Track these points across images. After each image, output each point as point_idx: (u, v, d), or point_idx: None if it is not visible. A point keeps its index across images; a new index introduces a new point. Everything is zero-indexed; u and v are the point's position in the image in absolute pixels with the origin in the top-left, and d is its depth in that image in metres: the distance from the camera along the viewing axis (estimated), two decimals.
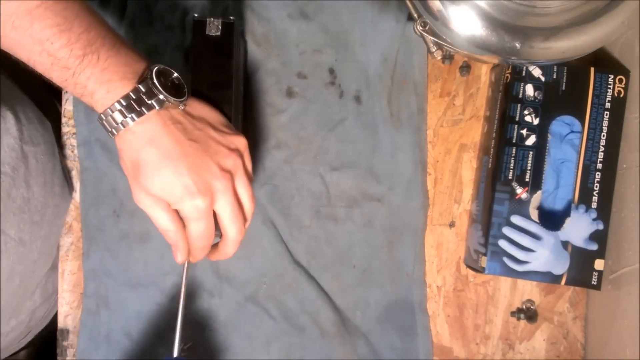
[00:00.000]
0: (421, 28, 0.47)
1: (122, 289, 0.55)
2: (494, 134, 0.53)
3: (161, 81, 0.38)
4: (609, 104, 0.51)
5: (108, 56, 0.36)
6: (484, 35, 0.41)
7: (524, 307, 0.57)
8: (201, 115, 0.41)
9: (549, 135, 0.51)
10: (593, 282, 0.51)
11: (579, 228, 0.51)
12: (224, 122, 0.42)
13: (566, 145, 0.51)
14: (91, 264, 0.55)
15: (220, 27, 0.45)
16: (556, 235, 0.51)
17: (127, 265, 0.55)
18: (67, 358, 0.56)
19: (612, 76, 0.51)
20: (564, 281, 0.51)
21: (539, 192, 0.51)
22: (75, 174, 0.56)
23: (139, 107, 0.37)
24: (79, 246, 0.56)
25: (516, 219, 0.51)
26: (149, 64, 0.39)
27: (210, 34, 0.45)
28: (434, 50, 0.50)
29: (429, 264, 0.57)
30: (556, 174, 0.51)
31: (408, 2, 0.47)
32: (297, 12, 0.55)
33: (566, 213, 0.51)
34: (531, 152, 0.51)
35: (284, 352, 0.55)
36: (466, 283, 0.57)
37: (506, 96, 0.51)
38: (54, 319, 0.58)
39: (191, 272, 0.55)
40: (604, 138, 0.51)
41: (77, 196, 0.56)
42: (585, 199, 0.51)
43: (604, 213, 0.51)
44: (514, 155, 0.51)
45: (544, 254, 0.51)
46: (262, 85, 0.56)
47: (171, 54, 0.55)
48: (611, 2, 0.40)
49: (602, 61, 0.55)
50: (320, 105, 0.56)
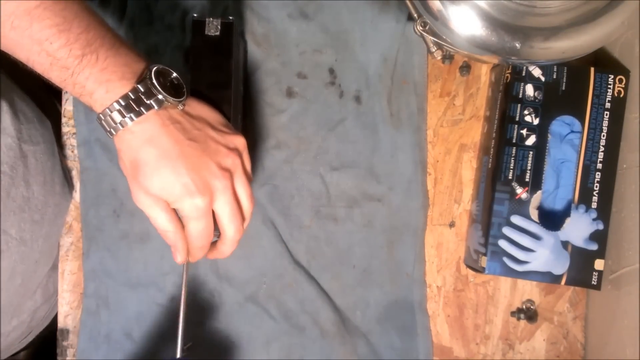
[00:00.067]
0: (421, 28, 0.47)
1: (122, 289, 0.55)
2: (494, 134, 0.53)
3: (160, 81, 0.38)
4: (609, 104, 0.51)
5: (107, 56, 0.36)
6: (484, 35, 0.41)
7: (524, 307, 0.57)
8: (200, 114, 0.41)
9: (549, 135, 0.51)
10: (593, 282, 0.51)
11: (579, 228, 0.51)
12: (223, 122, 0.42)
13: (566, 145, 0.51)
14: (91, 264, 0.55)
15: (219, 27, 0.45)
16: (556, 235, 0.51)
17: (127, 265, 0.55)
18: (67, 358, 0.56)
19: (612, 76, 0.51)
20: (564, 281, 0.51)
21: (539, 192, 0.51)
22: (75, 173, 0.56)
23: (137, 107, 0.37)
24: (79, 246, 0.56)
25: (516, 219, 0.51)
26: (148, 64, 0.38)
27: (209, 34, 0.45)
28: (434, 50, 0.50)
29: (429, 264, 0.57)
30: (556, 174, 0.51)
31: (408, 2, 0.47)
32: (297, 12, 0.55)
33: (566, 213, 0.51)
34: (531, 152, 0.51)
35: (284, 352, 0.55)
36: (466, 283, 0.57)
37: (506, 96, 0.51)
38: (54, 319, 0.58)
39: (191, 273, 0.55)
40: (604, 138, 0.51)
41: (77, 196, 0.56)
42: (585, 199, 0.51)
43: (604, 213, 0.51)
44: (514, 155, 0.51)
45: (544, 254, 0.51)
46: (262, 85, 0.56)
47: (171, 54, 0.55)
48: (611, 2, 0.40)
49: (602, 61, 0.55)
50: (320, 105, 0.56)
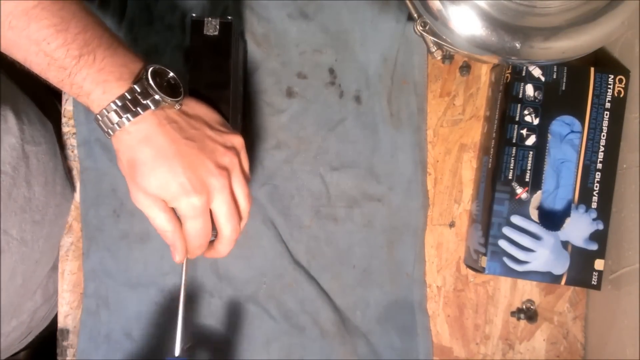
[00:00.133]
0: (421, 28, 0.47)
1: (122, 289, 0.55)
2: (494, 134, 0.53)
3: (157, 81, 0.38)
4: (609, 104, 0.51)
5: (104, 56, 0.36)
6: (484, 35, 0.41)
7: (524, 307, 0.57)
8: (197, 114, 0.41)
9: (549, 135, 0.51)
10: (593, 282, 0.51)
11: (579, 228, 0.51)
12: (220, 121, 0.42)
13: (566, 145, 0.51)
14: (91, 264, 0.55)
15: (218, 26, 0.45)
16: (556, 235, 0.51)
17: (127, 265, 0.55)
18: (67, 358, 0.56)
19: (612, 76, 0.51)
20: (564, 281, 0.51)
21: (539, 192, 0.51)
22: (75, 173, 0.56)
23: (134, 107, 0.37)
24: (79, 246, 0.56)
25: (516, 219, 0.51)
26: (145, 64, 0.38)
27: (208, 33, 0.45)
28: (434, 50, 0.50)
29: (429, 264, 0.57)
30: (556, 174, 0.51)
31: (408, 2, 0.47)
32: (297, 12, 0.55)
33: (566, 213, 0.51)
34: (531, 152, 0.51)
35: (284, 352, 0.55)
36: (466, 283, 0.57)
37: (506, 96, 0.51)
38: (54, 319, 0.58)
39: (191, 273, 0.55)
40: (604, 138, 0.51)
41: (77, 196, 0.56)
42: (585, 199, 0.51)
43: (604, 213, 0.51)
44: (514, 155, 0.51)
45: (544, 254, 0.51)
46: (262, 85, 0.56)
47: (171, 54, 0.55)
48: (611, 2, 0.40)
49: (602, 61, 0.55)
50: (320, 105, 0.56)
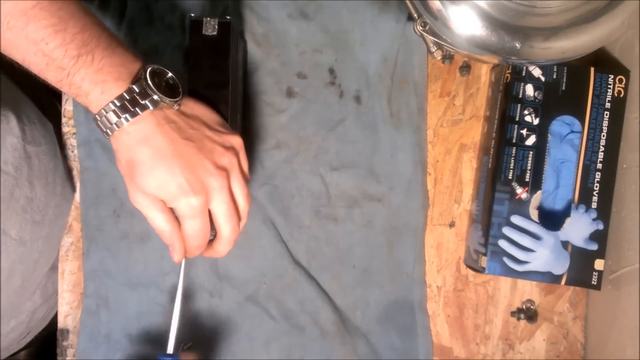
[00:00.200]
0: (421, 28, 0.47)
1: (122, 289, 0.55)
2: (494, 134, 0.53)
3: (155, 81, 0.38)
4: (609, 104, 0.51)
5: (103, 57, 0.36)
6: (484, 35, 0.41)
7: (524, 307, 0.57)
8: (196, 114, 0.41)
9: (549, 135, 0.51)
10: (593, 282, 0.51)
11: (579, 228, 0.51)
12: (219, 121, 0.42)
13: (566, 145, 0.51)
14: (91, 264, 0.55)
15: (216, 26, 0.45)
16: (556, 235, 0.51)
17: (127, 265, 0.55)
18: (67, 358, 0.56)
19: (612, 76, 0.51)
20: (564, 281, 0.51)
21: (539, 192, 0.51)
22: (76, 173, 0.56)
23: (132, 107, 0.37)
24: (79, 246, 0.56)
25: (516, 219, 0.51)
26: (143, 64, 0.38)
27: (207, 33, 0.45)
28: (434, 50, 0.50)
29: (429, 264, 0.57)
30: (556, 174, 0.51)
31: (408, 2, 0.47)
32: (297, 12, 0.55)
33: (566, 213, 0.51)
34: (531, 152, 0.51)
35: (284, 352, 0.55)
36: (466, 283, 0.57)
37: (506, 96, 0.51)
38: (54, 319, 0.58)
39: (191, 272, 0.55)
40: (604, 138, 0.51)
41: (77, 196, 0.56)
42: (585, 199, 0.51)
43: (604, 213, 0.51)
44: (514, 155, 0.51)
45: (544, 254, 0.51)
46: (262, 85, 0.56)
47: (171, 54, 0.55)
48: (611, 2, 0.40)
49: (602, 61, 0.55)
50: (320, 105, 0.56)
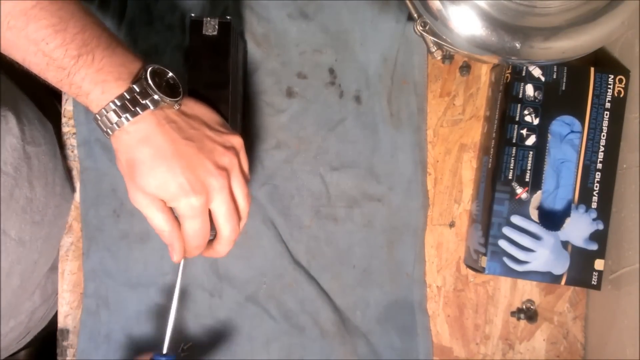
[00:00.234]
0: (421, 28, 0.47)
1: (122, 289, 0.55)
2: (494, 134, 0.53)
3: (156, 81, 0.38)
4: (609, 104, 0.51)
5: (103, 56, 0.36)
6: (484, 35, 0.41)
7: (524, 307, 0.57)
8: (196, 114, 0.41)
9: (549, 135, 0.51)
10: (593, 282, 0.51)
11: (579, 228, 0.51)
12: (219, 121, 0.42)
13: (566, 145, 0.51)
14: (91, 264, 0.55)
15: (217, 26, 0.45)
16: (556, 235, 0.51)
17: (127, 265, 0.55)
18: (67, 358, 0.56)
19: (612, 76, 0.51)
20: (564, 281, 0.51)
21: (539, 192, 0.51)
22: (75, 173, 0.56)
23: (133, 107, 0.37)
24: (79, 246, 0.56)
25: (516, 219, 0.51)
26: (144, 64, 0.38)
27: (207, 33, 0.45)
28: (434, 50, 0.50)
29: (429, 264, 0.57)
30: (556, 174, 0.51)
31: (408, 2, 0.47)
32: (297, 12, 0.55)
33: (566, 213, 0.51)
34: (531, 152, 0.51)
35: (284, 352, 0.55)
36: (466, 283, 0.57)
37: (506, 96, 0.51)
38: (54, 319, 0.58)
39: (191, 272, 0.55)
40: (604, 138, 0.51)
41: (77, 196, 0.56)
42: (585, 199, 0.51)
43: (604, 213, 0.51)
44: (514, 155, 0.51)
45: (544, 254, 0.51)
46: (262, 85, 0.56)
47: (171, 54, 0.55)
48: (611, 2, 0.40)
49: (602, 61, 0.55)
50: (320, 105, 0.56)
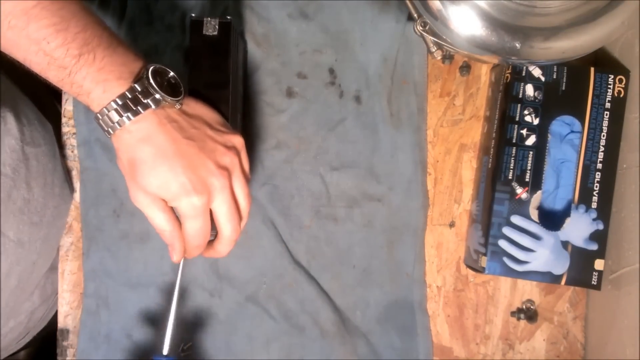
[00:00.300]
0: (421, 28, 0.47)
1: (122, 289, 0.55)
2: (494, 134, 0.53)
3: (157, 80, 0.38)
4: (609, 104, 0.51)
5: (104, 55, 0.36)
6: (484, 35, 0.41)
7: (524, 307, 0.57)
8: (198, 113, 0.41)
9: (549, 135, 0.51)
10: (593, 282, 0.51)
11: (579, 228, 0.51)
12: (220, 121, 0.42)
13: (566, 145, 0.51)
14: (91, 264, 0.55)
15: (217, 26, 0.45)
16: (556, 235, 0.51)
17: (127, 265, 0.55)
18: (67, 358, 0.56)
19: (612, 76, 0.51)
20: (564, 281, 0.51)
21: (539, 192, 0.51)
22: (75, 173, 0.56)
23: (134, 106, 0.37)
24: (79, 246, 0.56)
25: (516, 219, 0.51)
26: (145, 63, 0.38)
27: (207, 33, 0.45)
28: (434, 50, 0.50)
29: (429, 264, 0.57)
30: (556, 174, 0.51)
31: (408, 2, 0.47)
32: (297, 12, 0.55)
33: (566, 213, 0.51)
34: (531, 152, 0.51)
35: (284, 352, 0.55)
36: (466, 283, 0.57)
37: (506, 96, 0.51)
38: (54, 319, 0.58)
39: (191, 272, 0.55)
40: (604, 138, 0.51)
41: (77, 196, 0.56)
42: (585, 199, 0.51)
43: (604, 213, 0.51)
44: (514, 155, 0.51)
45: (544, 254, 0.51)
46: (262, 85, 0.56)
47: (171, 54, 0.55)
48: (611, 2, 0.40)
49: (602, 61, 0.55)
50: (320, 105, 0.56)
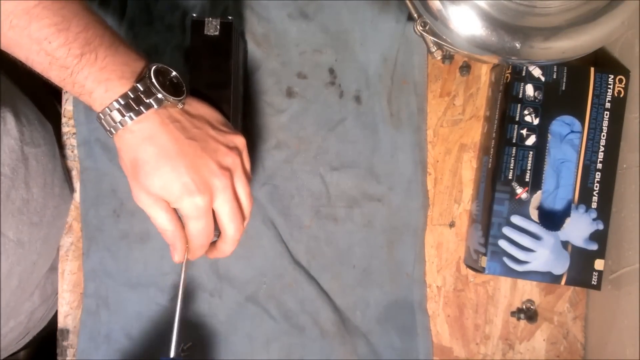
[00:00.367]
0: (421, 28, 0.47)
1: (122, 289, 0.55)
2: (494, 134, 0.53)
3: (159, 80, 0.38)
4: (609, 104, 0.51)
5: (106, 55, 0.36)
6: (484, 35, 0.41)
7: (524, 307, 0.57)
8: (200, 114, 0.41)
9: (549, 135, 0.51)
10: (593, 282, 0.51)
11: (579, 228, 0.51)
12: (222, 121, 0.42)
13: (566, 145, 0.51)
14: (91, 264, 0.55)
15: (218, 27, 0.45)
16: (556, 235, 0.51)
17: (127, 265, 0.55)
18: (67, 358, 0.56)
19: (612, 76, 0.51)
20: (564, 281, 0.51)
21: (539, 192, 0.51)
22: (75, 174, 0.56)
23: (137, 106, 0.37)
24: (79, 246, 0.56)
25: (516, 219, 0.51)
26: (147, 62, 0.38)
27: (208, 33, 0.45)
28: (434, 50, 0.50)
29: (429, 264, 0.57)
30: (556, 174, 0.51)
31: (408, 2, 0.47)
32: (297, 12, 0.55)
33: (566, 213, 0.51)
34: (531, 152, 0.51)
35: (284, 352, 0.55)
36: (466, 283, 0.57)
37: (506, 96, 0.51)
38: (54, 319, 0.58)
39: (191, 272, 0.55)
40: (604, 138, 0.51)
41: (77, 196, 0.56)
42: (585, 199, 0.51)
43: (604, 213, 0.51)
44: (514, 155, 0.51)
45: (544, 254, 0.51)
46: (262, 85, 0.56)
47: (171, 54, 0.55)
48: (611, 2, 0.40)
49: (602, 61, 0.55)
50: (320, 105, 0.56)
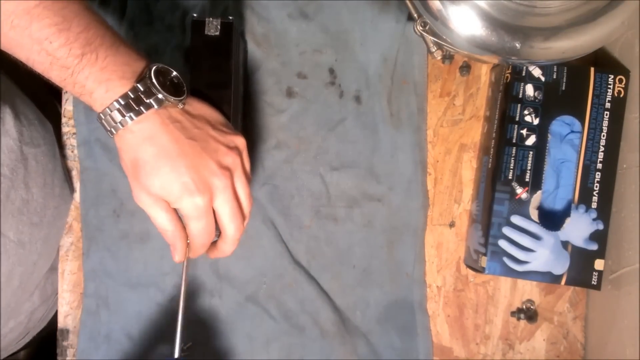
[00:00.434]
0: (421, 28, 0.47)
1: (122, 289, 0.55)
2: (494, 134, 0.53)
3: (160, 80, 0.38)
4: (609, 104, 0.51)
5: (107, 55, 0.36)
6: (484, 35, 0.41)
7: (524, 307, 0.57)
8: (200, 114, 0.41)
9: (549, 135, 0.51)
10: (593, 282, 0.51)
11: (579, 228, 0.51)
12: (222, 121, 0.42)
13: (566, 145, 0.51)
14: (91, 264, 0.55)
15: (219, 27, 0.45)
16: (556, 235, 0.51)
17: (127, 265, 0.55)
18: (67, 358, 0.56)
19: (612, 76, 0.51)
20: (564, 281, 0.51)
21: (539, 192, 0.51)
22: (75, 174, 0.56)
23: (137, 106, 0.37)
24: (79, 246, 0.56)
25: (516, 219, 0.51)
26: (148, 63, 0.38)
27: (209, 33, 0.45)
28: (434, 50, 0.50)
29: (429, 264, 0.57)
30: (556, 174, 0.51)
31: (408, 2, 0.47)
32: (297, 12, 0.55)
33: (566, 213, 0.51)
34: (531, 152, 0.51)
35: (284, 352, 0.55)
36: (466, 283, 0.57)
37: (506, 96, 0.51)
38: (54, 319, 0.58)
39: (191, 273, 0.55)
40: (604, 138, 0.51)
41: (77, 196, 0.56)
42: (585, 199, 0.51)
43: (604, 213, 0.51)
44: (514, 155, 0.51)
45: (544, 254, 0.51)
46: (262, 85, 0.56)
47: (171, 54, 0.55)
48: (611, 2, 0.40)
49: (602, 61, 0.55)
50: (320, 105, 0.56)
